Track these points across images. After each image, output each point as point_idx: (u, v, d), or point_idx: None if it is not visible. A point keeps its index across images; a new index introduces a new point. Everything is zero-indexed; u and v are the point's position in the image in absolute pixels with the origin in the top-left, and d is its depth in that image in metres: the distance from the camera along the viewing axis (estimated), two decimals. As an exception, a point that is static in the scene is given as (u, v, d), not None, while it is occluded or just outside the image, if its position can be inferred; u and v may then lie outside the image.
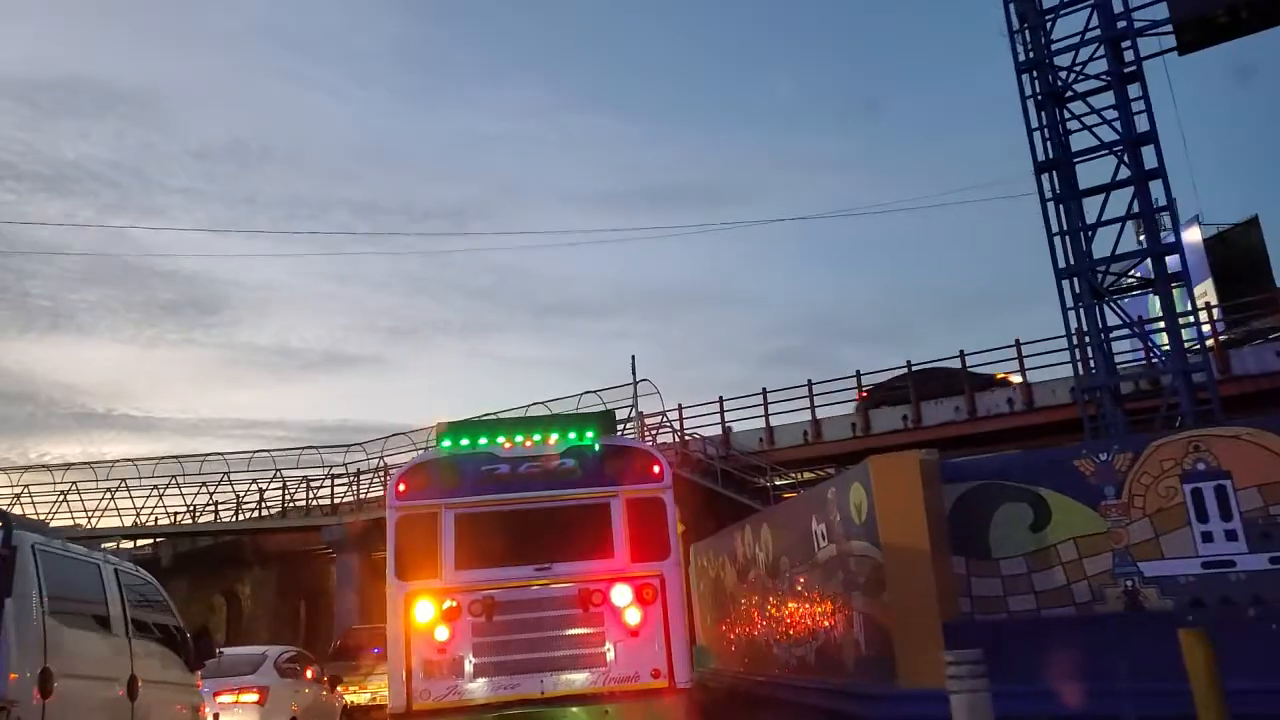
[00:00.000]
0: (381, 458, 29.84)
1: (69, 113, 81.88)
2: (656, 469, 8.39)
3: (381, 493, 29.89)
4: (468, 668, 7.67)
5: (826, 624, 11.51)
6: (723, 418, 25.46)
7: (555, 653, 7.73)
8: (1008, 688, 8.62)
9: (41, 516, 28.19)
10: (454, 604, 7.74)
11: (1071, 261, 17.20)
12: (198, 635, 7.28)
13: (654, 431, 25.08)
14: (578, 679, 7.68)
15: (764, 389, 25.00)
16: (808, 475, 24.13)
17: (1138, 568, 8.93)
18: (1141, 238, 19.34)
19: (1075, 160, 17.49)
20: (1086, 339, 16.04)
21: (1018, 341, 21.86)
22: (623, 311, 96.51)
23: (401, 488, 8.15)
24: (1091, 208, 17.20)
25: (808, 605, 12.24)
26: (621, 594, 7.84)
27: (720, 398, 25.57)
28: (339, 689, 13.05)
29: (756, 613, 15.07)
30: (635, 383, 24.92)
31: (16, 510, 19.72)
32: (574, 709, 7.61)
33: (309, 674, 12.10)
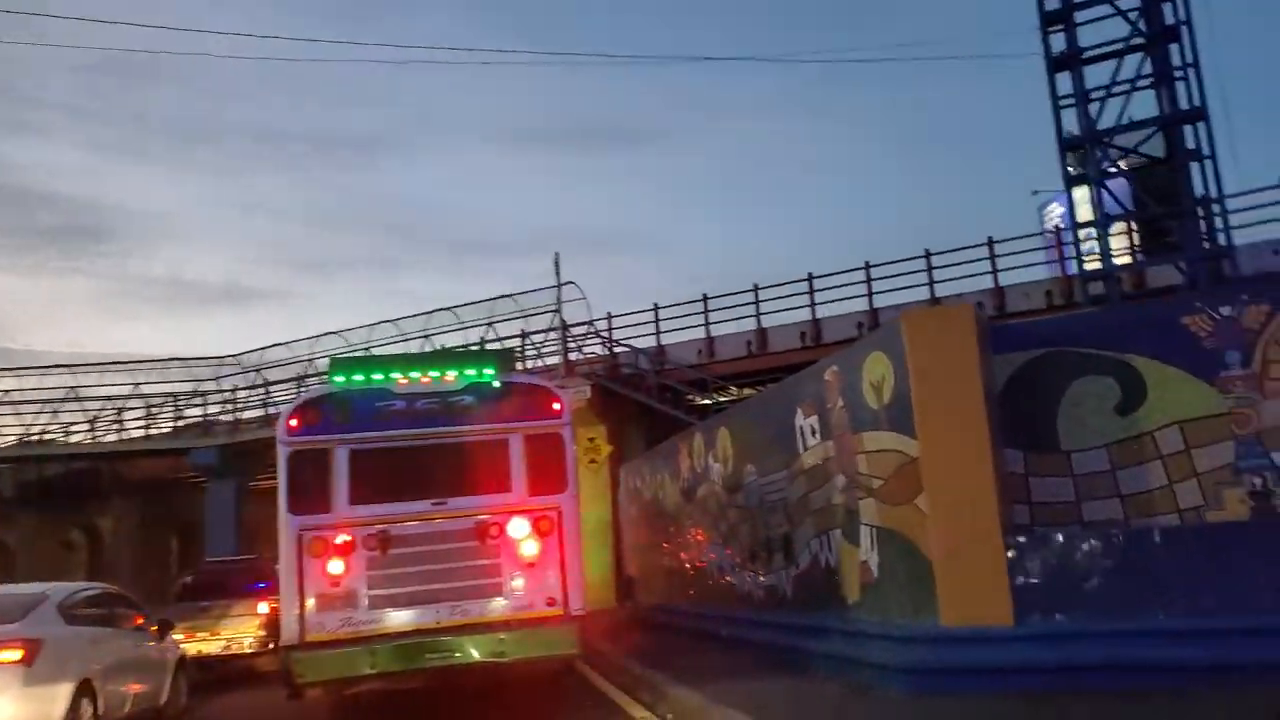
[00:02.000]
0: (259, 370, 26.26)
1: (-79, 6, 72.94)
2: (556, 406, 8.53)
3: (262, 412, 26.50)
4: (362, 600, 7.75)
5: (814, 545, 8.91)
6: (657, 327, 22.63)
7: (451, 584, 7.87)
8: (1086, 626, 6.14)
9: None
10: (348, 538, 7.81)
11: (1077, 132, 14.82)
12: None
13: (580, 341, 22.15)
14: (473, 609, 7.85)
15: (704, 295, 22.27)
16: (748, 392, 21.61)
17: (1271, 460, 6.47)
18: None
19: (1079, 23, 15.09)
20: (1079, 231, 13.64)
21: (990, 240, 19.50)
22: (542, 252, 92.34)
23: (294, 423, 8.10)
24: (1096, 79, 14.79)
25: (784, 523, 9.62)
26: (518, 527, 8.03)
27: (655, 305, 22.70)
28: (173, 637, 9.92)
29: (709, 536, 12.44)
30: (559, 285, 21.90)
31: None
32: (469, 638, 7.75)
33: (129, 621, 9.04)
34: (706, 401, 21.59)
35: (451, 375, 8.30)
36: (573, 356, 22.01)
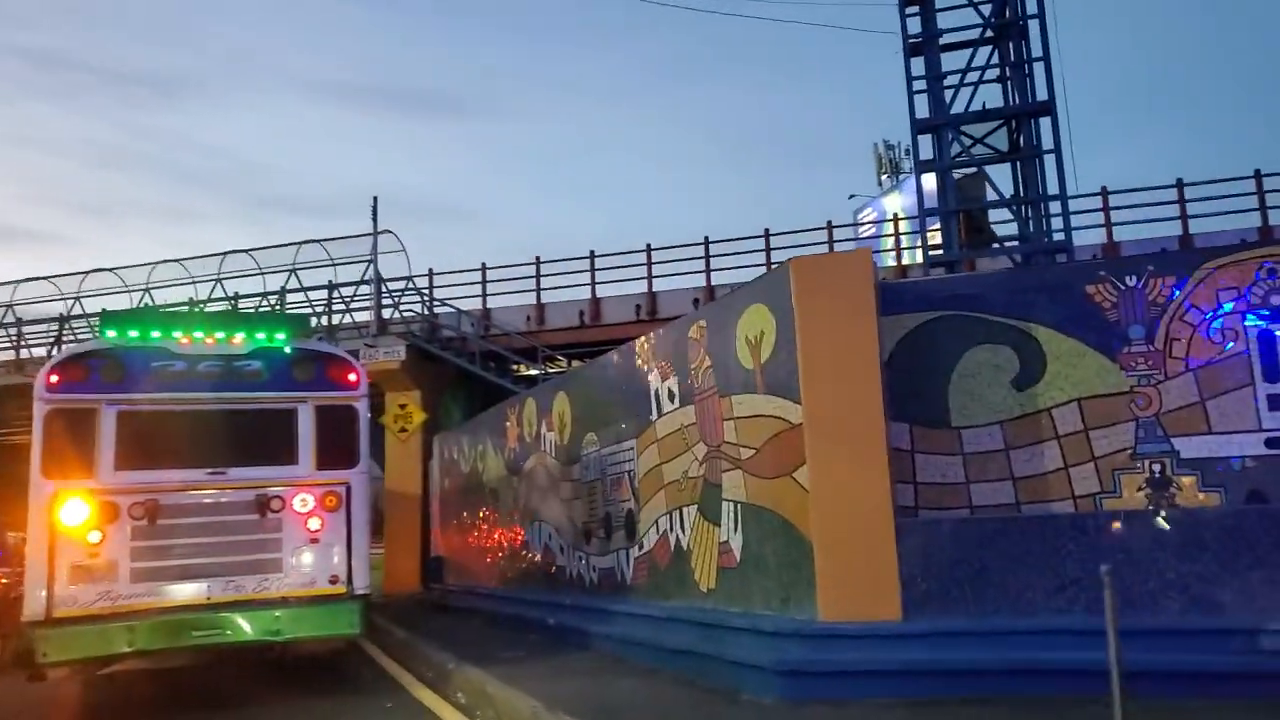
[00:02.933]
0: (10, 307, 22.73)
1: None
2: (352, 376, 8.14)
3: (12, 355, 22.97)
4: (123, 573, 7.17)
5: (664, 524, 7.89)
6: (484, 289, 21.10)
7: (226, 558, 7.40)
8: (980, 623, 5.43)
9: None
10: (111, 506, 7.23)
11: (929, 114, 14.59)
12: None
13: (396, 297, 20.25)
14: (248, 584, 7.43)
15: (537, 258, 20.92)
16: (579, 365, 20.49)
17: (1172, 445, 5.96)
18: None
19: (938, 9, 14.87)
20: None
21: (830, 224, 19.26)
22: (356, 214, 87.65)
23: (54, 379, 7.39)
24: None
25: (629, 498, 8.55)
26: (303, 501, 7.68)
27: (483, 265, 21.17)
28: None
29: (537, 513, 11.23)
30: (375, 233, 19.91)
31: None
32: (241, 614, 7.30)
33: None
34: (534, 372, 20.29)
35: (239, 337, 7.82)
36: (387, 314, 20.12)
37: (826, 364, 5.88)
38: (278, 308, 21.07)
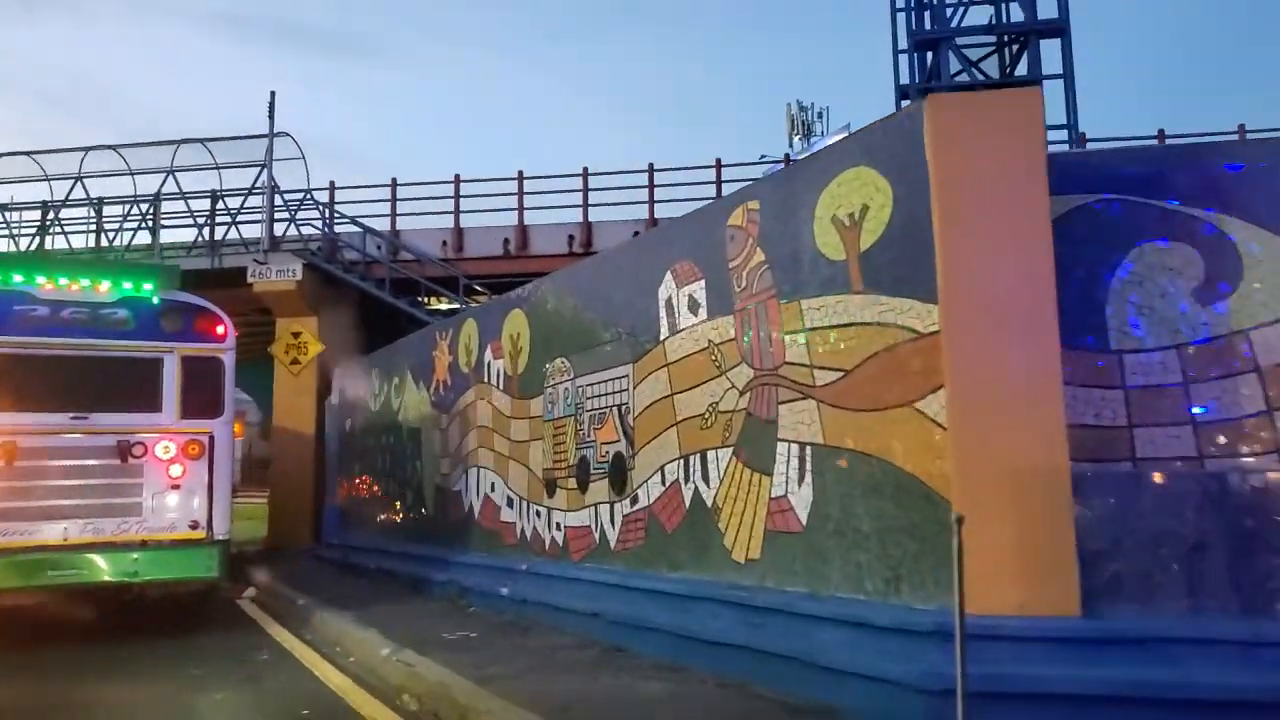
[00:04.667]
0: None
1: None
2: (220, 329, 8.16)
3: None
4: None
5: (671, 471, 6.04)
6: (394, 208, 18.60)
7: (86, 501, 7.49)
8: (1193, 625, 3.80)
9: None
10: None
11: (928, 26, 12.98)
12: None
13: (292, 208, 17.52)
14: (108, 527, 7.54)
15: (456, 176, 18.51)
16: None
17: None
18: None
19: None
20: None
21: (787, 159, 17.55)
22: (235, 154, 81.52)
23: None
24: None
25: (617, 438, 6.66)
26: (165, 448, 7.74)
27: (394, 180, 18.64)
28: None
29: (477, 457, 9.22)
30: (271, 135, 17.13)
31: None
32: (99, 555, 7.44)
33: None
34: (452, 306, 17.97)
35: (105, 285, 7.83)
36: (281, 229, 17.42)
37: (982, 246, 4.09)
38: (149, 217, 18.09)
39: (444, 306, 18.04)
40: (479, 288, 17.29)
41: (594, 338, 7.14)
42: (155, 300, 7.95)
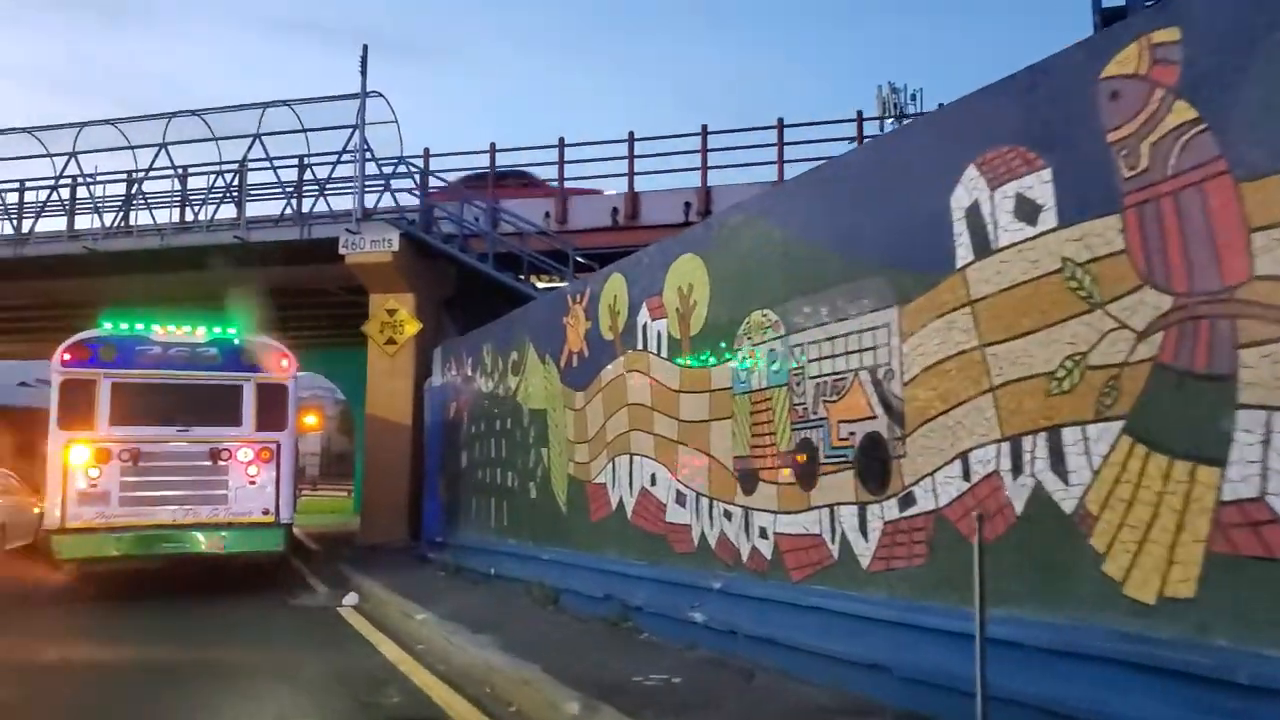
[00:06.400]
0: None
1: None
2: (284, 363, 10.43)
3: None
4: (114, 499, 9.51)
5: (983, 461, 4.11)
6: (492, 176, 16.96)
7: (187, 492, 9.74)
8: None
9: None
10: (106, 451, 9.53)
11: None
12: None
13: (389, 172, 15.97)
14: (203, 511, 9.76)
15: (561, 139, 16.78)
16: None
17: None
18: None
19: None
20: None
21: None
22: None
23: (66, 357, 9.69)
24: None
25: (865, 411, 4.75)
26: (245, 454, 9.97)
27: (492, 145, 17.00)
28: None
29: (629, 443, 7.41)
30: (363, 95, 15.62)
31: None
32: (198, 532, 9.72)
33: None
34: (551, 285, 16.25)
35: (201, 331, 10.20)
36: (371, 201, 15.89)
37: None
38: (234, 187, 16.75)
39: (549, 285, 16.33)
40: (582, 260, 15.51)
41: (820, 278, 5.24)
42: (237, 341, 10.34)
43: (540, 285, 15.99)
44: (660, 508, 6.87)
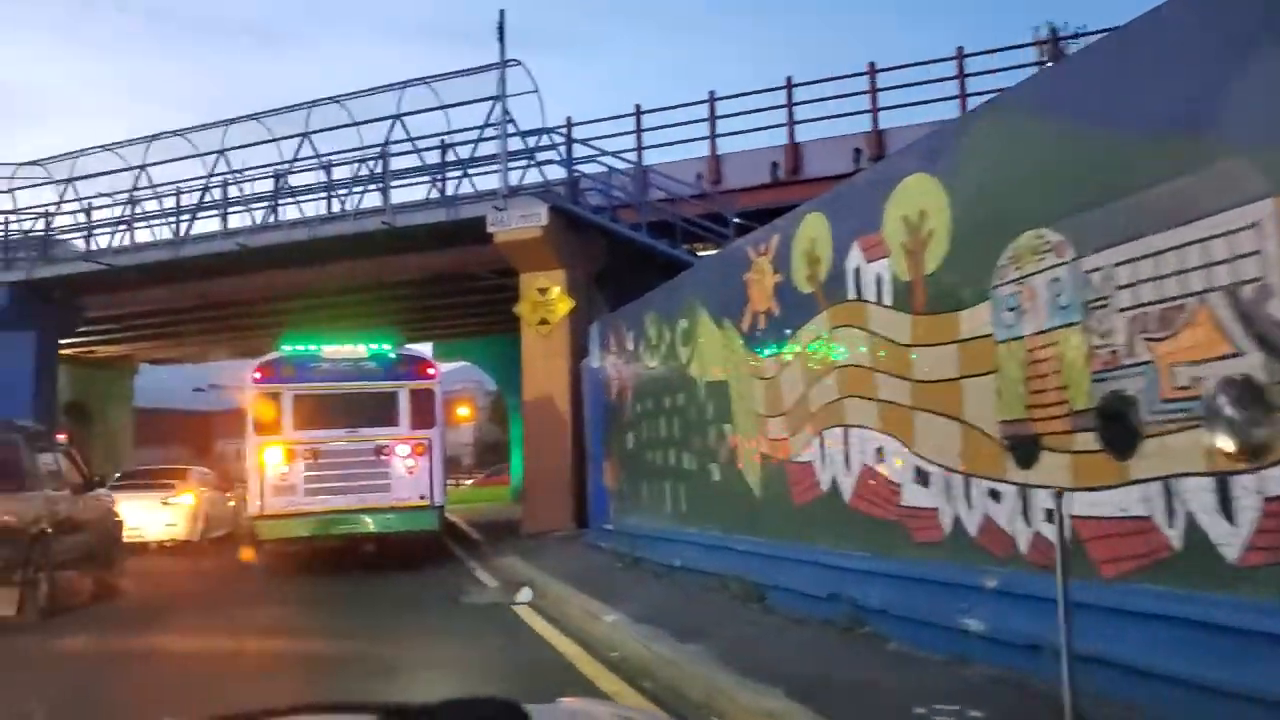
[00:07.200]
0: (71, 182, 18.81)
1: None
2: (431, 371, 12.22)
3: (82, 239, 19.24)
4: (300, 490, 11.29)
5: None
6: (639, 140, 16.00)
7: (358, 483, 11.42)
8: None
9: None
10: (292, 451, 11.34)
11: None
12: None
13: (533, 145, 15.24)
14: (371, 498, 11.45)
15: (711, 93, 15.64)
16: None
17: None
18: None
19: None
20: None
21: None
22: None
23: (258, 375, 11.64)
24: None
25: (1252, 349, 3.43)
26: (403, 449, 11.60)
27: (637, 107, 16.03)
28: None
29: (842, 411, 6.23)
30: (503, 64, 14.91)
31: None
32: (368, 515, 11.41)
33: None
34: (708, 252, 15.13)
35: (362, 349, 11.91)
36: (515, 178, 15.16)
37: None
38: (377, 175, 16.40)
39: (707, 252, 15.21)
40: (738, 220, 14.31)
41: (1133, 176, 3.91)
42: (392, 355, 12.00)
43: (701, 253, 14.90)
44: (892, 488, 5.66)
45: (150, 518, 14.42)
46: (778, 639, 5.28)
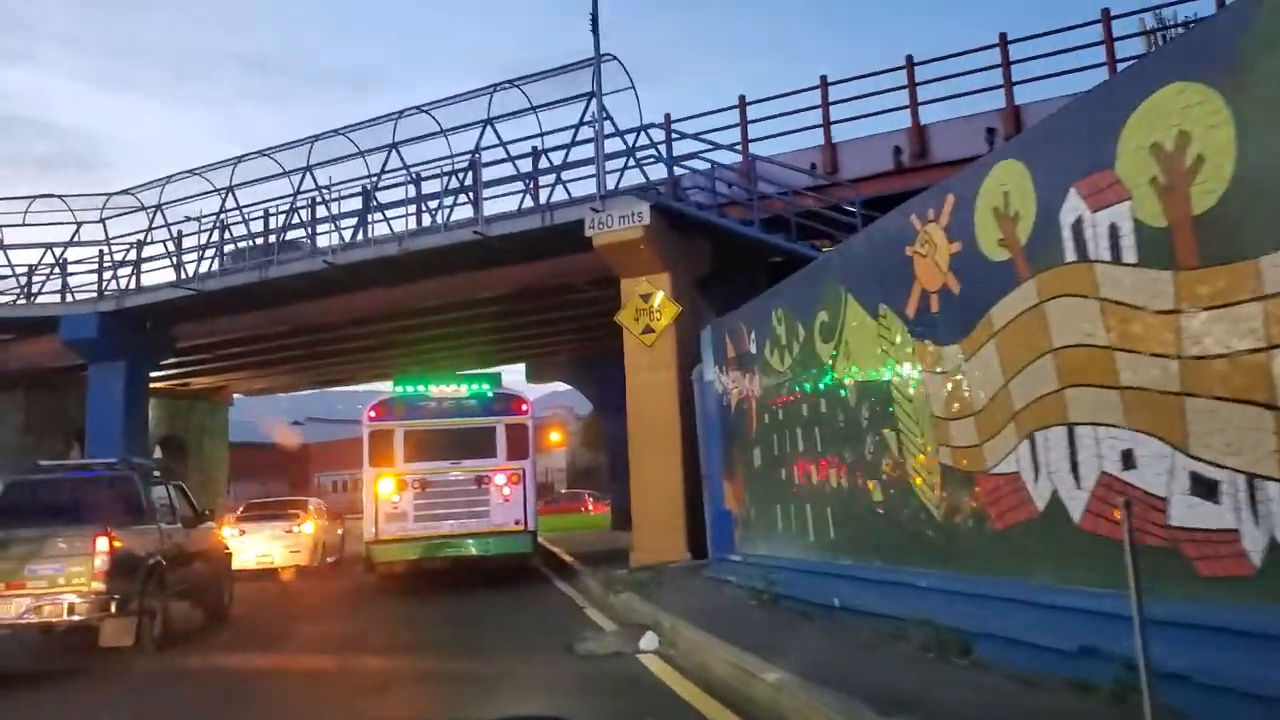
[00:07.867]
0: (160, 208, 18.52)
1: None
2: (524, 407, 13.29)
3: (170, 267, 18.98)
4: (410, 517, 12.45)
5: None
6: (744, 133, 14.72)
7: (460, 509, 12.57)
8: None
9: None
10: (403, 482, 12.53)
11: None
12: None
13: (631, 144, 14.15)
14: (472, 523, 12.53)
15: (823, 78, 14.29)
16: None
17: None
18: None
19: None
20: None
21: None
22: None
23: (373, 414, 12.85)
24: None
25: None
26: (499, 479, 12.71)
27: (742, 98, 14.74)
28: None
29: (1065, 410, 4.81)
30: (598, 60, 13.89)
31: None
32: (469, 539, 12.49)
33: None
34: (826, 239, 13.73)
35: (463, 389, 13.20)
36: (611, 181, 14.07)
37: None
38: (468, 187, 15.52)
39: (827, 249, 13.81)
40: (863, 212, 12.88)
41: None
42: (490, 394, 13.18)
43: (824, 250, 13.53)
44: (1155, 503, 4.23)
45: (277, 545, 16.29)
46: (1016, 715, 3.90)
